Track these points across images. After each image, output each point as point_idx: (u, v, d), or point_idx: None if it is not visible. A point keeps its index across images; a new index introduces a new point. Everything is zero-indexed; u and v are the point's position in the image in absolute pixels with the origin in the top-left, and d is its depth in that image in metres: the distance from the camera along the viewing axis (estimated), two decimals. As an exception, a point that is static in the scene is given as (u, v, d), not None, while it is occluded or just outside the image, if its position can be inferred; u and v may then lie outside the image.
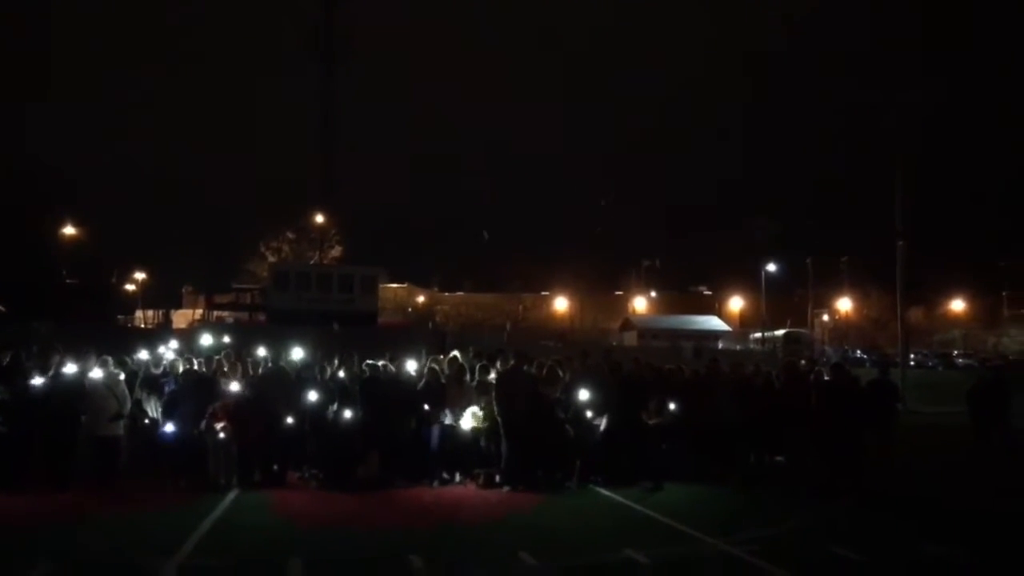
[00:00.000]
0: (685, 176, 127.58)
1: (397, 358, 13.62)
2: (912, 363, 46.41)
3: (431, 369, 12.80)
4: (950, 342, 72.74)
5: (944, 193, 73.87)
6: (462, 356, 13.55)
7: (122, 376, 12.13)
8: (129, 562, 7.49)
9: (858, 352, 60.13)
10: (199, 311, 51.63)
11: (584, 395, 12.09)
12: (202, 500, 10.52)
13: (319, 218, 61.20)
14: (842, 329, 78.34)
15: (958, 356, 61.01)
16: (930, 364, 54.77)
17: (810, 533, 9.23)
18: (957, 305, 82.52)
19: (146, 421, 12.19)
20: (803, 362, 16.26)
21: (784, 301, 74.01)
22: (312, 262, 57.90)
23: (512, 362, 12.85)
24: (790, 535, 9.11)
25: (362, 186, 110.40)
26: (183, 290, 66.78)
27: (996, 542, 8.89)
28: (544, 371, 12.52)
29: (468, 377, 12.63)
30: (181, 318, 54.34)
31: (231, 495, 10.94)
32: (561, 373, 12.52)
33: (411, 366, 13.22)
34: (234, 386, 12.26)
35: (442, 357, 13.65)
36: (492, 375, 12.66)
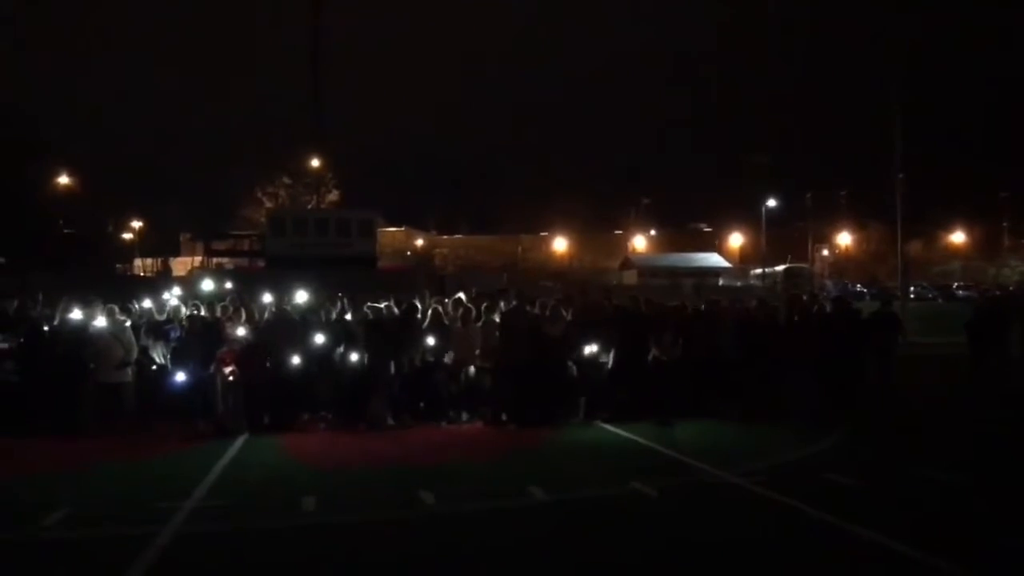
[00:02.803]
0: (684, 111, 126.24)
1: (400, 300, 13.65)
2: (912, 296, 46.54)
3: (435, 310, 12.85)
4: (950, 274, 72.87)
5: (943, 124, 73.13)
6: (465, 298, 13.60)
7: (128, 323, 12.19)
8: (143, 506, 7.59)
9: (858, 286, 60.19)
10: (198, 258, 51.55)
11: (587, 333, 12.17)
12: (212, 445, 10.65)
13: (315, 162, 60.67)
14: (842, 263, 78.47)
15: (958, 288, 61.10)
16: (930, 296, 54.95)
17: (811, 463, 9.37)
18: (957, 237, 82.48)
19: (153, 368, 12.28)
20: (805, 297, 16.26)
21: (784, 236, 73.85)
22: (309, 207, 57.63)
23: (514, 302, 12.91)
24: (792, 465, 9.24)
25: (358, 129, 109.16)
26: (181, 237, 66.54)
27: (995, 468, 9.03)
28: (547, 310, 12.57)
29: (473, 317, 12.67)
30: (180, 266, 54.34)
31: (240, 439, 11.07)
32: (564, 312, 12.58)
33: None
34: (240, 331, 12.31)
35: (445, 300, 13.68)
36: (496, 315, 12.72)
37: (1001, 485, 8.26)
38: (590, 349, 12.25)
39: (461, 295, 13.15)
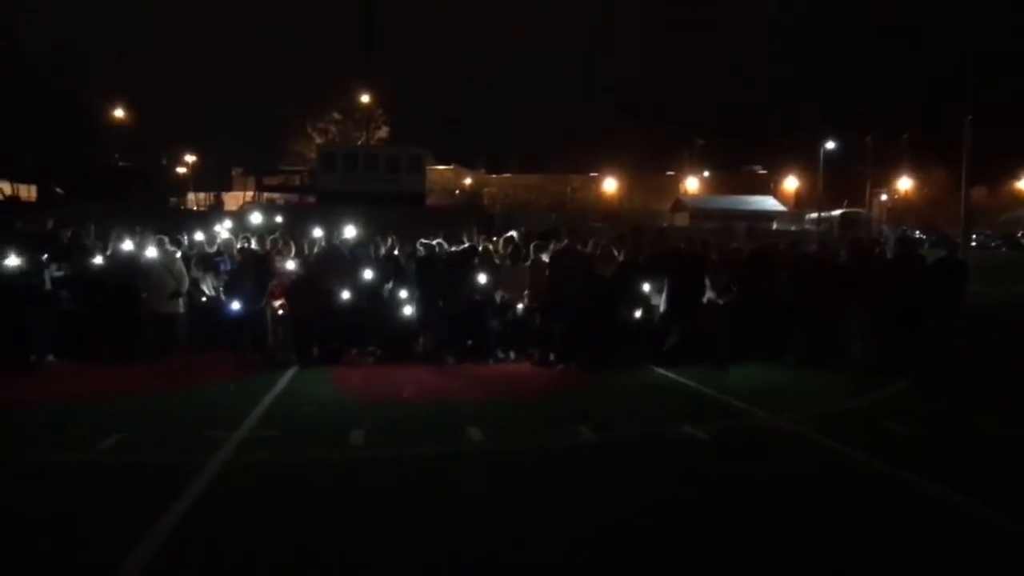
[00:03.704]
0: (741, 52, 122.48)
1: (452, 237, 13.54)
2: (974, 244, 45.11)
3: (484, 248, 12.69)
4: (1016, 222, 70.41)
5: (1010, 67, 69.78)
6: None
7: (178, 255, 12.27)
8: (193, 435, 7.65)
9: (917, 232, 58.49)
10: (249, 193, 52.03)
11: (640, 274, 11.91)
12: (262, 376, 10.73)
13: (365, 98, 60.44)
14: (900, 209, 76.25)
15: (1022, 236, 59.06)
16: (993, 245, 53.18)
17: (866, 410, 9.10)
18: None
19: (203, 300, 12.38)
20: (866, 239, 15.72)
21: (841, 180, 71.76)
22: (359, 143, 57.59)
23: (566, 241, 12.67)
24: (846, 412, 8.98)
25: (409, 66, 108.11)
26: (233, 172, 67.14)
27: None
28: (599, 250, 12.31)
29: (523, 256, 12.49)
30: (232, 200, 54.88)
31: (290, 371, 11.13)
32: (616, 253, 12.31)
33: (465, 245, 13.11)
34: (290, 264, 12.32)
35: (495, 238, 13.50)
36: (546, 255, 12.51)
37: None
38: (644, 290, 12.00)
39: (513, 233, 12.94)
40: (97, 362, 11.10)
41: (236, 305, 11.69)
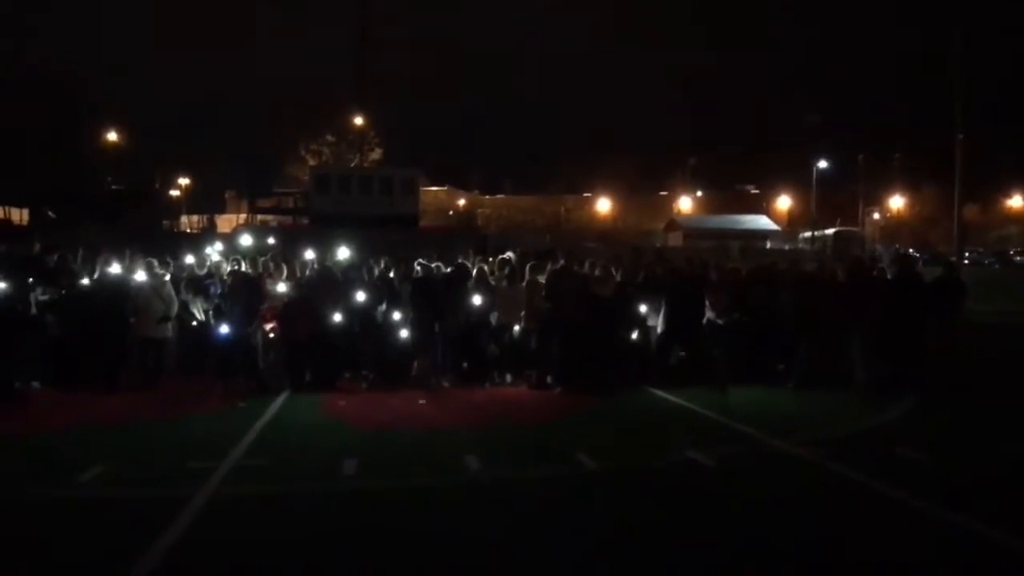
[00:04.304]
0: (733, 72, 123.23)
1: (447, 259, 13.33)
2: (966, 261, 45.05)
3: (480, 270, 12.48)
4: (1007, 239, 70.56)
5: (1001, 85, 70.25)
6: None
7: (167, 278, 12.02)
8: (181, 465, 7.38)
9: (910, 250, 58.52)
10: (243, 215, 51.87)
11: (638, 295, 11.71)
12: (253, 402, 10.45)
13: (358, 120, 60.49)
14: (893, 227, 76.40)
15: (1015, 254, 59.15)
16: (986, 262, 53.18)
17: (874, 434, 8.88)
18: (1015, 202, 79.73)
19: (193, 323, 12.12)
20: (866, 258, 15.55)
21: (833, 199, 71.98)
22: (352, 164, 57.55)
23: (562, 262, 12.47)
24: (854, 436, 8.75)
25: (402, 88, 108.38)
26: (226, 195, 67.02)
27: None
28: (597, 270, 12.11)
29: (519, 277, 12.28)
30: (225, 222, 54.76)
31: (282, 397, 10.87)
32: (614, 273, 12.11)
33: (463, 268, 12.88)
34: (281, 287, 12.09)
35: (491, 259, 13.30)
36: (542, 276, 12.29)
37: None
38: (641, 311, 11.80)
39: (509, 254, 12.73)
40: (83, 389, 10.80)
41: (225, 329, 11.43)
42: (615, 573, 5.10)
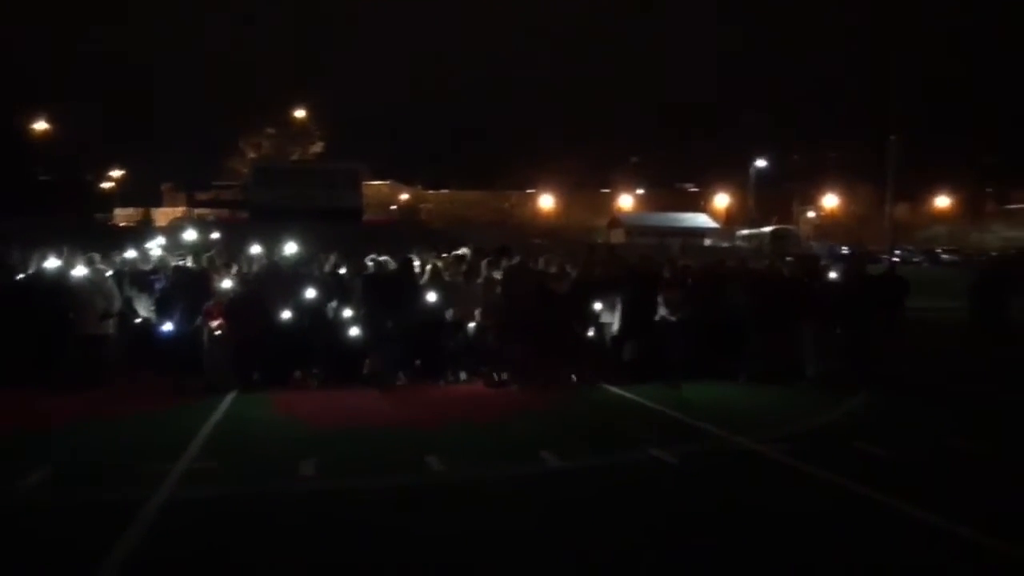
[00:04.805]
0: (673, 71, 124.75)
1: (398, 254, 13.10)
2: (896, 259, 46.33)
3: (434, 266, 12.32)
4: (934, 238, 72.90)
5: (929, 88, 72.55)
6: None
7: (109, 273, 11.58)
8: (130, 468, 7.08)
9: (843, 248, 60.04)
10: (180, 209, 50.61)
11: (594, 292, 11.70)
12: (200, 402, 10.13)
13: (299, 113, 59.52)
14: (827, 226, 78.29)
15: (942, 252, 61.11)
16: (915, 260, 54.80)
17: (831, 429, 8.99)
18: (942, 201, 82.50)
19: (137, 320, 11.70)
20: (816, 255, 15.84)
21: (770, 198, 73.64)
22: (293, 158, 56.61)
23: (518, 258, 12.39)
24: (812, 431, 8.84)
25: (344, 82, 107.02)
26: (162, 188, 65.28)
27: (1017, 435, 8.67)
28: (553, 267, 12.05)
29: (475, 273, 12.15)
30: (161, 216, 53.29)
31: (229, 396, 10.56)
32: (569, 269, 12.08)
33: (416, 263, 12.69)
34: (227, 283, 11.75)
35: (445, 255, 13.14)
36: (498, 272, 12.19)
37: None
38: (596, 308, 11.79)
39: (464, 250, 12.59)
40: (20, 389, 10.32)
41: (170, 326, 11.06)
42: (587, 570, 5.02)
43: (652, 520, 5.96)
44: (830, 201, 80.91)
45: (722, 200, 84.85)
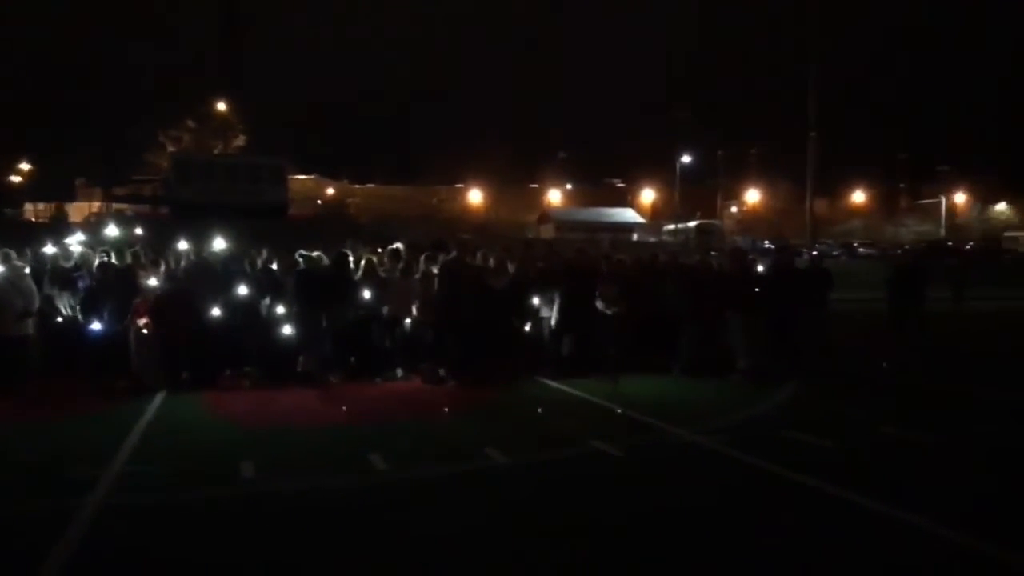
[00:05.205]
0: (601, 68, 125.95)
1: (328, 250, 12.87)
2: (815, 253, 47.67)
3: (368, 261, 12.15)
4: (851, 232, 75.50)
5: (847, 86, 75.08)
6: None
7: (27, 270, 11.08)
8: (59, 475, 6.79)
9: (765, 243, 61.61)
10: (96, 204, 48.80)
11: (532, 287, 11.73)
12: (128, 404, 9.79)
13: (221, 106, 58.05)
14: (749, 221, 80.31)
15: (859, 246, 63.34)
16: (834, 254, 56.61)
17: (765, 419, 9.19)
18: (858, 197, 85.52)
19: (59, 319, 11.22)
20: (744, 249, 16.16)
21: (694, 193, 75.03)
22: (216, 152, 55.21)
23: (454, 253, 12.32)
24: (747, 422, 9.02)
25: (267, 75, 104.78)
26: (76, 182, 62.75)
27: (945, 421, 9.00)
28: (492, 262, 12.03)
29: (412, 269, 12.03)
30: (76, 211, 51.23)
31: (159, 397, 10.23)
32: (508, 265, 12.08)
33: (349, 259, 12.48)
34: (153, 280, 11.38)
35: (380, 250, 12.98)
36: (435, 267, 12.09)
37: (959, 442, 8.18)
38: (534, 303, 11.81)
39: (399, 245, 12.45)
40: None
41: (97, 325, 10.64)
42: (543, 566, 5.01)
43: (601, 513, 5.97)
44: (752, 197, 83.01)
45: (648, 196, 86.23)
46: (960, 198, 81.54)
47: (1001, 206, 79.37)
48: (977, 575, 4.90)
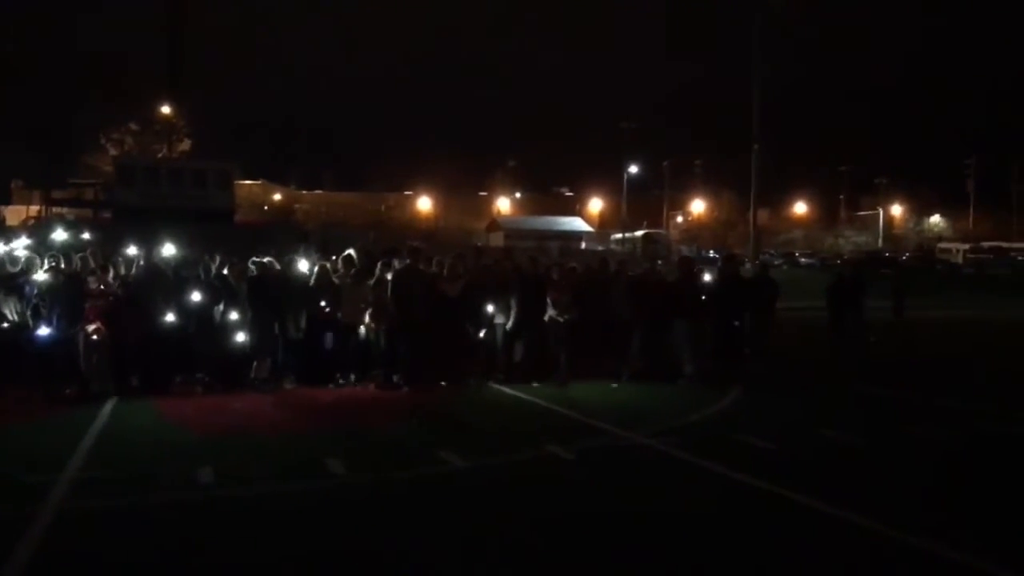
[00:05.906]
0: (551, 76, 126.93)
1: (277, 257, 12.86)
2: (759, 262, 48.76)
3: (322, 267, 12.19)
4: (792, 242, 77.28)
5: (788, 98, 76.97)
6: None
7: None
8: (11, 481, 6.73)
9: (710, 252, 62.74)
10: (34, 208, 47.59)
11: (484, 293, 11.91)
12: (78, 410, 9.70)
13: (165, 109, 57.07)
14: (694, 230, 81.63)
15: (800, 256, 64.93)
16: (776, 263, 57.89)
17: (712, 422, 9.50)
18: (799, 207, 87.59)
19: (4, 325, 11.03)
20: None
21: (640, 203, 76.13)
22: (160, 156, 54.27)
23: (408, 260, 12.42)
24: (694, 425, 9.31)
25: (214, 79, 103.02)
26: (12, 184, 60.98)
27: (883, 426, 9.39)
28: (445, 268, 12.16)
29: (365, 275, 12.10)
30: (12, 214, 49.86)
31: (109, 404, 10.14)
32: (461, 271, 12.23)
33: (302, 265, 12.52)
34: (103, 285, 11.26)
35: (334, 256, 13.02)
36: (388, 273, 12.17)
37: (896, 447, 8.57)
38: (487, 309, 11.98)
39: (351, 251, 12.51)
40: None
41: (46, 331, 10.50)
42: (502, 567, 5.16)
43: (557, 514, 6.15)
44: (697, 207, 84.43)
45: (596, 205, 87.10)
46: (897, 210, 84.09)
47: (935, 218, 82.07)
48: (910, 569, 5.19)
